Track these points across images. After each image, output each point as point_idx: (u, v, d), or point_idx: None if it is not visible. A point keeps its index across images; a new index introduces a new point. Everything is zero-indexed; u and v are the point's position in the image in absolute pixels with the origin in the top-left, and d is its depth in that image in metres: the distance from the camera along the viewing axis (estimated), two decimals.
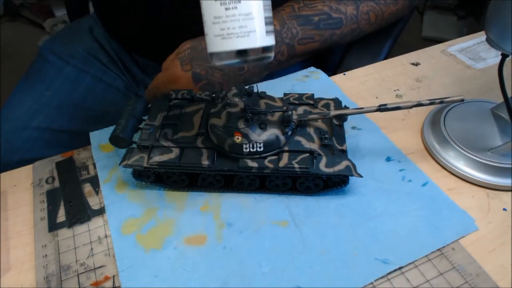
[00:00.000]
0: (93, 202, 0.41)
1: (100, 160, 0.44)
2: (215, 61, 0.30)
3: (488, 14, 0.38)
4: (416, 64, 0.57)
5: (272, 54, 0.30)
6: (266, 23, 0.29)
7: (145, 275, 0.34)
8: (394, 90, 0.53)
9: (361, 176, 0.37)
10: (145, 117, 0.43)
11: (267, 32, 0.29)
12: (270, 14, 0.29)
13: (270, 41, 0.29)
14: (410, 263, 0.34)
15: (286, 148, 0.38)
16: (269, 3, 0.29)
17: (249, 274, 0.34)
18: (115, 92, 0.68)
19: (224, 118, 0.37)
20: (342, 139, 0.40)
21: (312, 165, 0.37)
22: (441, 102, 0.37)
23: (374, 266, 0.34)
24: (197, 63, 0.50)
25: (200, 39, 0.51)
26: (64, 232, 0.38)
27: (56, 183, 0.43)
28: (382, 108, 0.38)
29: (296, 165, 0.36)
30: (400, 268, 0.34)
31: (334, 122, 0.41)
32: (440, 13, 1.90)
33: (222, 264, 0.35)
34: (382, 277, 0.34)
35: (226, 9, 0.27)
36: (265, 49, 0.29)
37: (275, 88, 0.52)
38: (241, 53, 0.28)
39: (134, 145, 0.40)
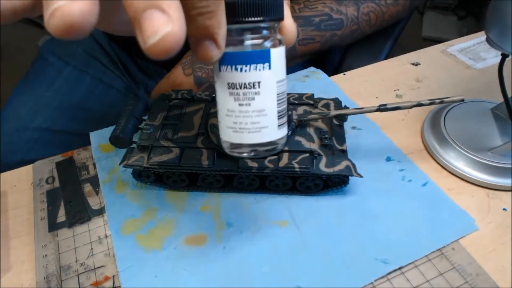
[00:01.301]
0: (93, 202, 0.41)
1: (100, 160, 0.44)
2: (225, 148, 0.30)
3: (488, 14, 0.38)
4: (416, 64, 0.57)
5: (283, 142, 0.31)
6: (280, 117, 0.29)
7: (145, 275, 0.34)
8: (394, 90, 0.53)
9: (361, 176, 0.37)
10: (145, 117, 0.43)
11: (279, 126, 0.29)
12: (284, 107, 0.29)
13: (281, 133, 0.30)
14: (410, 263, 0.34)
15: (286, 148, 0.38)
16: (285, 96, 0.29)
17: (249, 274, 0.34)
18: (115, 93, 0.68)
19: None
20: (342, 139, 0.40)
21: (312, 165, 0.37)
22: (441, 102, 0.37)
23: (374, 266, 0.34)
24: (198, 67, 0.50)
25: None
26: (64, 232, 0.38)
27: (56, 183, 0.43)
28: (382, 108, 0.38)
29: (296, 165, 0.36)
30: (400, 268, 0.34)
31: (334, 122, 0.41)
32: (440, 13, 1.90)
33: (222, 264, 0.35)
34: (382, 277, 0.34)
35: (240, 105, 0.27)
36: (278, 139, 0.30)
37: None
38: (252, 145, 0.29)
39: (134, 145, 0.40)
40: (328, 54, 0.69)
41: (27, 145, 0.61)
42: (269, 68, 0.27)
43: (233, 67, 0.26)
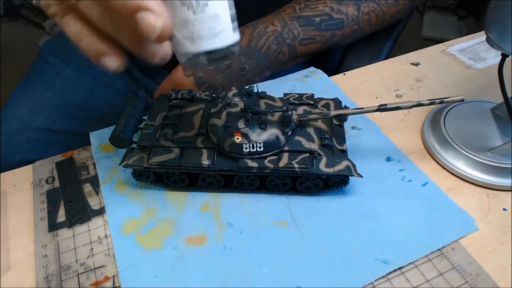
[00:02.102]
0: (93, 202, 0.41)
1: (100, 160, 0.44)
2: (184, 59, 0.30)
3: (488, 14, 0.38)
4: (416, 64, 0.57)
5: (237, 49, 0.30)
6: (233, 20, 0.29)
7: (145, 275, 0.34)
8: (394, 90, 0.53)
9: (361, 176, 0.37)
10: (145, 117, 0.43)
11: (233, 29, 0.29)
12: (233, 9, 0.30)
13: (237, 36, 0.30)
14: (410, 263, 0.34)
15: (286, 148, 0.38)
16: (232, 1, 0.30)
17: (249, 274, 0.34)
18: (115, 93, 0.68)
19: (224, 118, 0.37)
20: (342, 139, 0.40)
21: (312, 165, 0.37)
22: (441, 102, 0.37)
23: (374, 266, 0.34)
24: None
25: None
26: (64, 232, 0.38)
27: (56, 183, 0.43)
28: (382, 108, 0.38)
29: (296, 165, 0.36)
30: (400, 268, 0.34)
31: (334, 122, 0.41)
32: (440, 13, 1.90)
33: (222, 264, 0.35)
34: (382, 277, 0.34)
35: (194, 13, 0.27)
36: (232, 45, 0.30)
37: (275, 88, 0.52)
38: (209, 53, 0.29)
39: (134, 145, 0.40)
40: (328, 54, 0.69)
41: (27, 145, 0.61)
42: None
43: None
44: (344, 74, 0.56)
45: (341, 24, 0.55)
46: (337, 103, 0.44)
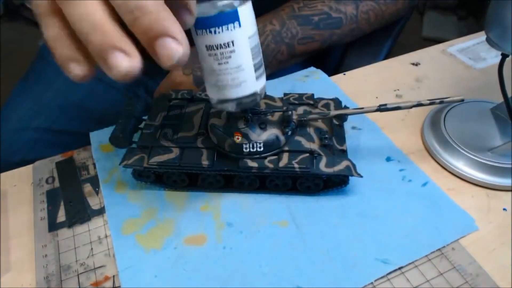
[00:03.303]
0: (93, 202, 0.41)
1: (100, 160, 0.44)
2: (213, 103, 0.33)
3: (488, 14, 0.38)
4: (416, 64, 0.57)
5: (264, 91, 0.33)
6: (256, 69, 0.31)
7: (145, 275, 0.34)
8: (394, 90, 0.53)
9: (361, 176, 0.37)
10: (145, 117, 0.43)
11: (257, 77, 0.32)
12: (259, 58, 0.32)
13: (260, 84, 0.32)
14: (410, 263, 0.34)
15: (286, 148, 0.38)
16: (258, 47, 0.32)
17: (249, 274, 0.34)
18: (115, 93, 0.68)
19: (224, 118, 0.37)
20: (342, 139, 0.40)
21: (312, 165, 0.37)
22: (441, 102, 0.37)
23: (374, 266, 0.34)
24: (197, 66, 0.50)
25: None
26: (64, 232, 0.38)
27: (56, 183, 0.43)
28: (382, 108, 0.38)
29: (296, 165, 0.36)
30: (400, 268, 0.34)
31: (334, 122, 0.41)
32: (440, 13, 1.90)
33: (222, 264, 0.35)
34: (382, 277, 0.34)
35: (219, 64, 0.30)
36: (254, 93, 0.32)
37: (275, 88, 0.52)
38: (233, 99, 0.32)
39: (134, 145, 0.40)
40: (328, 54, 0.69)
41: (27, 145, 0.61)
42: (240, 26, 0.29)
43: (207, 30, 0.29)
44: (344, 74, 0.56)
45: (339, 23, 0.55)
46: (337, 103, 0.43)
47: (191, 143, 0.39)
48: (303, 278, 0.33)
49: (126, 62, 0.23)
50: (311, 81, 0.54)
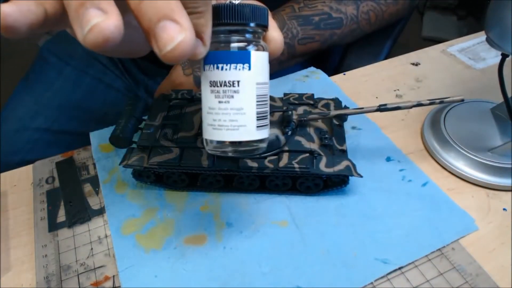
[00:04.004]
0: (93, 202, 0.41)
1: (100, 160, 0.44)
2: (208, 146, 0.31)
3: (488, 14, 0.38)
4: (416, 64, 0.57)
5: (264, 146, 0.31)
6: (259, 118, 0.29)
7: (145, 275, 0.34)
8: (394, 90, 0.53)
9: (361, 176, 0.37)
10: (145, 117, 0.43)
11: (258, 126, 0.29)
12: (265, 109, 0.30)
13: (260, 135, 0.30)
14: (410, 263, 0.34)
15: (286, 148, 0.38)
16: (267, 99, 0.30)
17: (249, 274, 0.34)
18: (115, 93, 0.68)
19: None
20: (342, 139, 0.40)
21: (312, 165, 0.37)
22: (441, 102, 0.37)
23: (374, 266, 0.34)
24: (197, 67, 0.50)
25: None
26: (64, 232, 0.38)
27: (56, 183, 0.43)
28: (382, 108, 0.38)
29: (296, 165, 0.36)
30: (400, 268, 0.34)
31: (334, 122, 0.41)
32: (440, 13, 1.90)
33: (222, 264, 0.35)
34: (382, 277, 0.34)
35: (220, 102, 0.28)
36: (258, 140, 0.30)
37: (275, 88, 0.52)
38: (233, 143, 0.30)
39: (134, 145, 0.40)
40: (328, 54, 0.69)
41: (27, 145, 0.61)
42: (249, 69, 0.28)
43: (216, 65, 0.28)
44: (344, 74, 0.56)
45: (340, 23, 0.55)
46: (337, 103, 0.44)
47: (191, 143, 0.39)
48: (303, 278, 0.33)
49: (180, 35, 0.22)
50: (311, 81, 0.54)
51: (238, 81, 0.28)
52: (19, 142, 0.61)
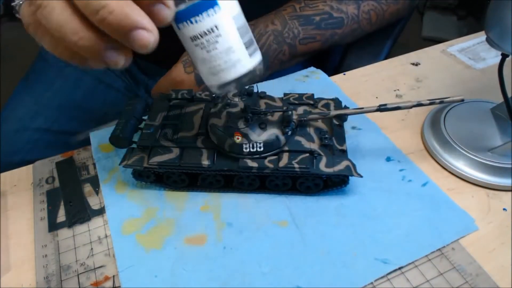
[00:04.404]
0: (93, 202, 0.41)
1: (100, 160, 0.44)
2: (214, 90, 0.32)
3: (488, 14, 0.38)
4: (416, 64, 0.57)
5: (261, 67, 0.32)
6: (248, 47, 0.30)
7: (145, 275, 0.34)
8: (394, 90, 0.53)
9: (361, 176, 0.37)
10: (145, 117, 0.43)
11: (250, 54, 0.30)
12: (248, 35, 0.30)
13: (255, 60, 0.31)
14: (410, 263, 0.34)
15: (286, 148, 0.38)
16: (245, 24, 0.30)
17: (249, 274, 0.34)
18: (115, 93, 0.68)
19: (224, 118, 0.37)
20: (342, 139, 0.40)
21: (312, 165, 0.37)
22: (441, 102, 0.37)
23: (374, 266, 0.34)
24: None
25: None
26: (64, 232, 0.38)
27: (56, 183, 0.43)
28: (382, 108, 0.38)
29: (296, 165, 0.36)
30: (400, 268, 0.34)
31: (334, 122, 0.41)
32: (440, 13, 1.90)
33: (222, 264, 0.35)
34: (382, 277, 0.34)
35: (208, 51, 0.29)
36: (256, 65, 0.31)
37: (275, 88, 0.52)
38: (232, 80, 0.31)
39: (134, 145, 0.40)
40: (328, 54, 0.69)
41: (27, 145, 0.61)
42: (220, 8, 0.28)
43: (188, 21, 0.28)
44: (344, 74, 0.56)
45: (341, 23, 0.55)
46: (337, 103, 0.43)
47: (191, 143, 0.39)
48: (303, 278, 0.33)
49: (152, 37, 0.26)
50: (311, 81, 0.54)
51: (216, 26, 0.28)
52: (19, 142, 0.61)
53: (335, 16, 0.55)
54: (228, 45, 0.29)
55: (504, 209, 0.39)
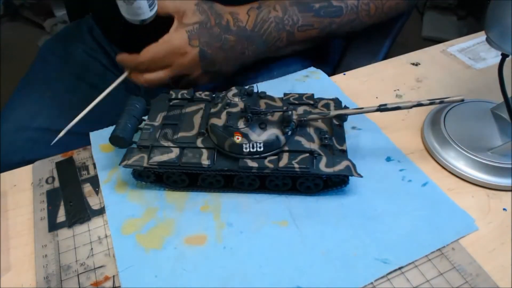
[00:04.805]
0: (93, 202, 0.41)
1: (100, 160, 0.44)
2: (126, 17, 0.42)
3: (488, 14, 0.38)
4: (416, 64, 0.57)
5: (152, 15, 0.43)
6: (150, 5, 0.41)
7: (145, 275, 0.34)
8: (394, 90, 0.53)
9: (361, 176, 0.37)
10: (145, 117, 0.43)
11: (151, 10, 0.42)
12: None
13: (153, 12, 0.42)
14: (410, 263, 0.34)
15: (286, 148, 0.38)
16: None
17: (249, 274, 0.34)
18: (115, 93, 0.68)
19: (224, 118, 0.37)
20: (342, 139, 0.40)
21: (312, 165, 0.37)
22: (441, 102, 0.37)
23: (374, 266, 0.34)
24: (205, 41, 0.49)
25: (208, 14, 0.50)
26: (64, 232, 0.38)
27: (56, 183, 0.43)
28: (382, 108, 0.38)
29: (296, 165, 0.36)
30: (400, 268, 0.34)
31: (334, 122, 0.41)
32: (440, 13, 1.90)
33: (222, 264, 0.35)
34: (382, 277, 0.34)
35: (126, 4, 0.40)
36: (150, 17, 0.42)
37: (275, 88, 0.52)
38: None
39: (134, 145, 0.40)
40: (327, 52, 0.69)
41: (27, 145, 0.61)
42: None
43: None
44: (344, 74, 0.56)
45: (339, 12, 0.55)
46: (337, 103, 0.44)
47: (191, 143, 0.39)
48: (303, 278, 0.33)
49: None
50: (311, 81, 0.54)
51: None
52: (19, 142, 0.61)
53: (334, 5, 0.55)
54: (140, 5, 0.41)
55: (504, 209, 0.39)
